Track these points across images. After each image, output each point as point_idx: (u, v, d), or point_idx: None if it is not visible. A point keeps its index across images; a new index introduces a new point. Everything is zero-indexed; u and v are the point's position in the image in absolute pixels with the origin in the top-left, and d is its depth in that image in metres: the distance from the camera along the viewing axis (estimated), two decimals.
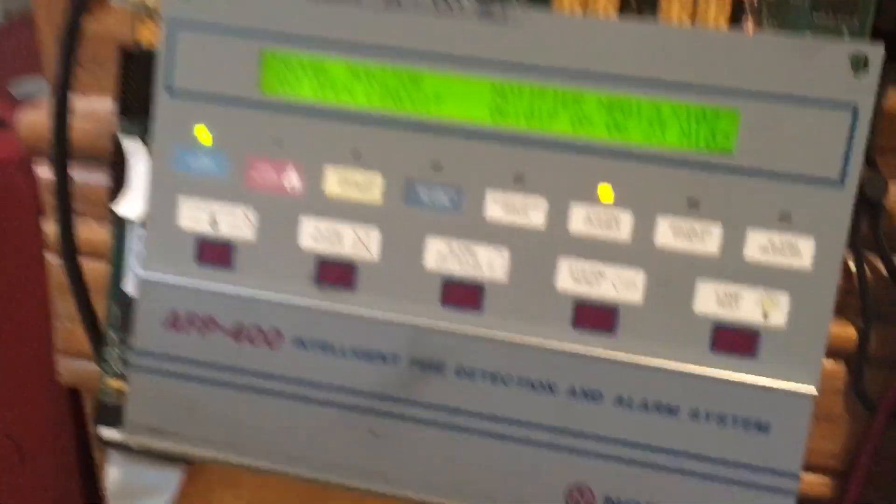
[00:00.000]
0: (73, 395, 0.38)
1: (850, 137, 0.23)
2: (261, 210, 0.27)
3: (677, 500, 0.25)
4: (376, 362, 0.26)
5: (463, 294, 0.26)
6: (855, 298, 0.28)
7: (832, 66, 0.23)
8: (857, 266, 0.28)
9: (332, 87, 0.26)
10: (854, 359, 0.29)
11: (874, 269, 0.28)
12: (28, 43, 0.46)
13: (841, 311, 0.29)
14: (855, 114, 0.23)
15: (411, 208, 0.26)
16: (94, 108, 0.33)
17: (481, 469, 0.26)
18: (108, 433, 0.30)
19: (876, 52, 0.23)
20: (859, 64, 0.23)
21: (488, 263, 0.26)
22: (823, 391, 0.29)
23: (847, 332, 0.29)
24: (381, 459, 0.27)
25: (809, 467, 0.30)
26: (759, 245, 0.24)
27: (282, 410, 0.27)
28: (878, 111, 0.27)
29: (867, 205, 0.27)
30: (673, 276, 0.25)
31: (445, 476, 0.26)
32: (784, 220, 0.24)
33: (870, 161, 0.27)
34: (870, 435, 0.29)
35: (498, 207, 0.25)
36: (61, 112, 0.29)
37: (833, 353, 0.29)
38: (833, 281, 0.24)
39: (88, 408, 0.38)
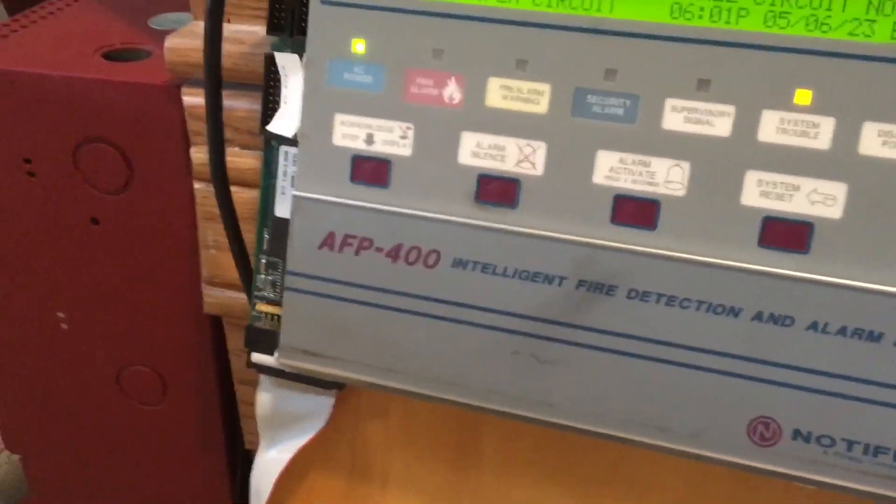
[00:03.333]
0: (215, 325, 0.38)
1: None
2: (419, 125, 0.25)
3: (878, 437, 0.23)
4: (541, 284, 0.25)
5: (636, 211, 0.24)
6: None
7: None
8: None
9: None
10: None
11: None
12: None
13: None
14: None
15: (581, 119, 0.24)
16: (239, 32, 0.33)
17: (654, 399, 0.24)
18: (259, 358, 0.29)
19: None
20: None
21: (665, 178, 0.24)
22: None
23: None
24: (545, 387, 0.25)
25: None
26: None
27: (439, 334, 0.26)
28: None
29: None
30: (880, 188, 0.22)
31: (615, 405, 0.25)
32: None
33: None
34: None
35: (678, 117, 0.23)
36: (215, 33, 0.28)
37: None
38: None
39: (230, 338, 0.38)
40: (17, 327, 0.41)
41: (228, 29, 0.33)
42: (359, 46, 0.26)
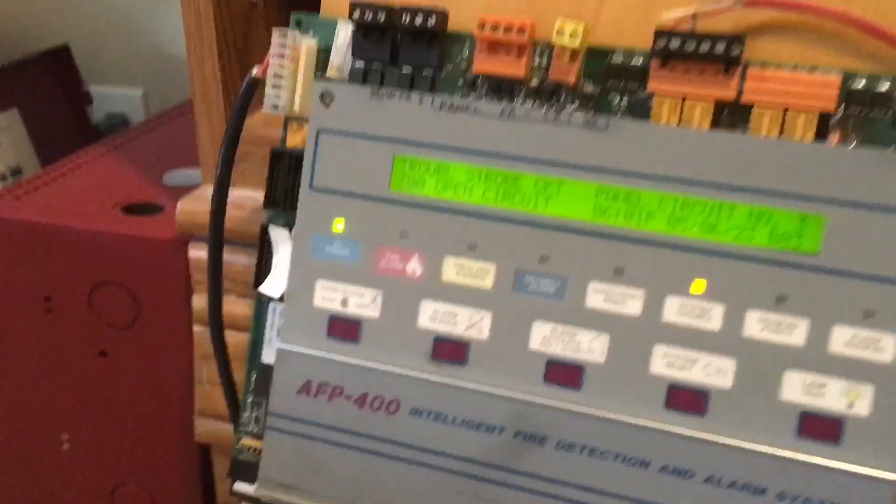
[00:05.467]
0: (204, 452, 0.42)
1: None
2: (386, 293, 0.30)
3: None
4: (484, 433, 0.29)
5: (564, 373, 0.28)
6: None
7: None
8: None
9: (452, 187, 0.30)
10: None
11: None
12: (174, 136, 0.52)
13: None
14: None
15: (520, 295, 0.29)
16: (241, 198, 0.38)
17: None
18: (241, 487, 0.33)
19: None
20: None
21: (588, 347, 0.28)
22: None
23: None
24: None
25: None
26: (843, 340, 0.26)
27: (397, 473, 0.30)
28: None
29: None
30: (761, 365, 0.27)
31: None
32: (868, 317, 0.26)
33: None
34: None
35: (599, 297, 0.28)
36: (221, 204, 0.33)
37: None
38: None
39: (217, 465, 0.41)
40: (22, 444, 0.45)
41: (232, 194, 0.38)
42: (339, 226, 0.31)
